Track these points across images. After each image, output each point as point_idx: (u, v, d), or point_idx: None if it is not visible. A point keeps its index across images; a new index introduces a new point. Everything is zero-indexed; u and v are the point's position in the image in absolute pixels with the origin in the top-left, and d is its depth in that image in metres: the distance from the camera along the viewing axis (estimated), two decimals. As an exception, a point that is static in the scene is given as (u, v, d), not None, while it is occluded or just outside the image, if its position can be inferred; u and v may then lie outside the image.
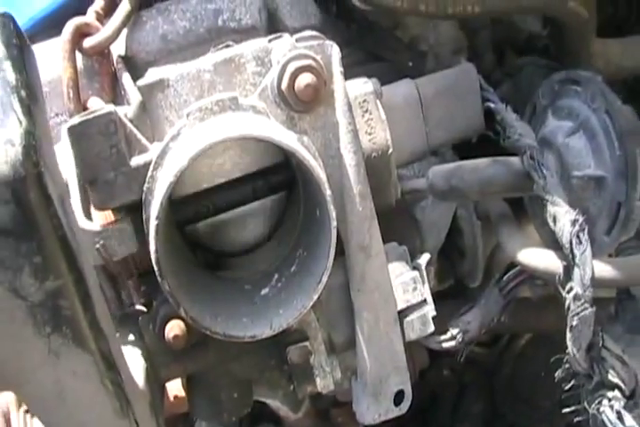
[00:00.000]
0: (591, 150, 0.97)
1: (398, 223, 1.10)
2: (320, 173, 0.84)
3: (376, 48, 1.19)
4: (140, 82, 0.92)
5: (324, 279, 0.85)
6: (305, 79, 0.87)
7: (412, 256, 1.03)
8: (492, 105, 1.03)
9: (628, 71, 1.26)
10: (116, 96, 1.16)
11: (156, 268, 0.81)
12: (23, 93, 0.68)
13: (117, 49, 1.16)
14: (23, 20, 1.22)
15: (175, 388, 1.09)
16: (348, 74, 1.18)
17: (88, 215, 0.88)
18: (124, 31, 1.16)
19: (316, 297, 0.85)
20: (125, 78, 1.13)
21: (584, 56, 1.16)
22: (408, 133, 1.02)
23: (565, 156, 0.98)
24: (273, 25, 1.19)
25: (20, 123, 0.67)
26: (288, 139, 0.83)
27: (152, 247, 0.81)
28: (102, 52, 1.13)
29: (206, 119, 0.87)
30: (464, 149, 1.13)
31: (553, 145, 1.00)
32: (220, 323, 0.85)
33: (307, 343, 0.93)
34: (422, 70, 1.18)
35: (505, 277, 1.05)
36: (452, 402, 1.66)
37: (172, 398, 1.08)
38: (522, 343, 1.53)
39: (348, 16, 1.16)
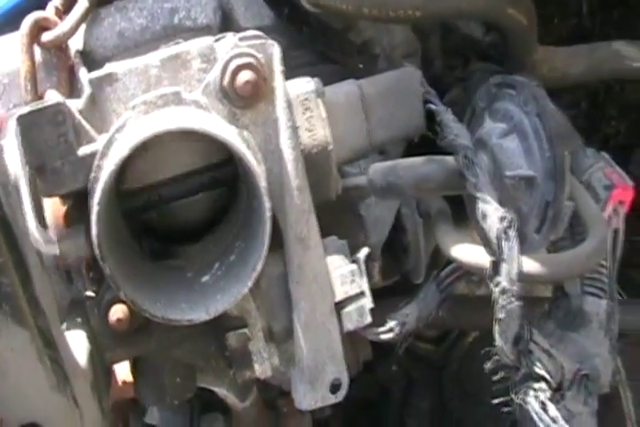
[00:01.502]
0: (523, 151, 1.01)
1: (343, 219, 1.14)
2: (255, 165, 0.87)
3: (328, 50, 1.23)
4: (90, 75, 0.95)
5: (259, 268, 0.89)
6: (245, 76, 0.91)
7: (357, 251, 1.07)
8: (432, 106, 1.07)
9: (573, 78, 1.30)
10: (74, 90, 1.19)
11: (96, 251, 0.85)
12: None
13: (75, 44, 1.19)
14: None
15: (124, 373, 1.12)
16: (299, 74, 1.22)
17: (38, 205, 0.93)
18: (83, 27, 1.19)
19: (250, 284, 0.89)
20: (82, 72, 1.16)
21: (527, 62, 1.20)
22: (350, 131, 1.05)
23: (499, 156, 1.02)
24: (227, 25, 1.22)
25: None
26: (225, 132, 0.87)
27: (94, 232, 0.84)
28: (60, 46, 1.16)
29: (150, 112, 0.91)
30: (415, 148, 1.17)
31: (487, 145, 1.04)
32: (159, 307, 0.89)
33: (245, 330, 0.97)
34: (373, 73, 1.22)
35: (442, 273, 1.09)
36: (400, 397, 1.70)
37: (120, 383, 1.11)
38: (469, 340, 1.58)
39: (300, 18, 1.19)
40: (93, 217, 0.84)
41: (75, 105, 0.94)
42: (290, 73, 1.20)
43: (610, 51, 1.31)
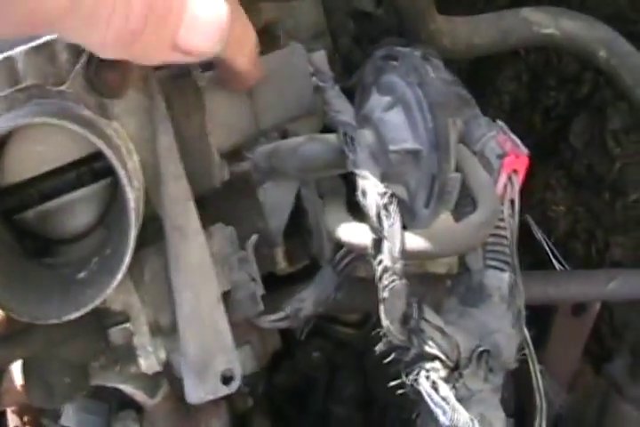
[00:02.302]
0: (408, 124, 0.98)
1: (240, 205, 1.11)
2: (115, 156, 0.85)
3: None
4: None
5: (127, 260, 0.86)
6: (110, 66, 0.89)
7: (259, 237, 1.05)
8: (319, 84, 1.04)
9: (480, 49, 1.27)
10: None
11: None
12: None
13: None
14: None
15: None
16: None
17: None
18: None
19: (119, 277, 0.86)
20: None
21: (424, 35, 1.17)
22: (235, 116, 1.02)
23: (382, 130, 0.99)
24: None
25: None
26: (85, 126, 0.85)
27: None
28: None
29: (15, 107, 0.89)
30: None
31: (371, 120, 1.01)
32: (27, 307, 0.87)
33: (128, 324, 0.95)
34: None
35: (337, 255, 1.07)
36: (324, 384, 1.68)
37: (19, 387, 1.10)
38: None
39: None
40: None
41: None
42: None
43: (517, 18, 1.28)
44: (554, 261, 1.76)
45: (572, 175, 1.86)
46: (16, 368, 1.13)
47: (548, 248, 1.77)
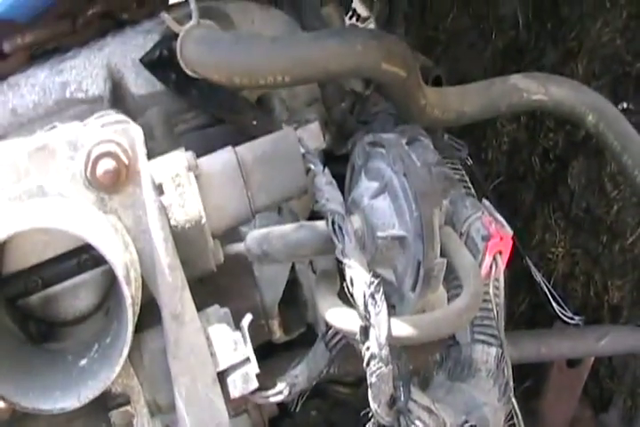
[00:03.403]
0: (394, 211, 1.03)
1: (237, 281, 1.16)
2: (111, 254, 0.90)
3: (218, 111, 1.25)
4: (-40, 167, 0.98)
5: (125, 352, 0.91)
6: (104, 165, 0.94)
7: (253, 310, 1.10)
8: (311, 167, 1.09)
9: (470, 116, 1.31)
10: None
11: None
12: None
13: (-31, 123, 1.23)
14: None
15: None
16: (190, 138, 1.24)
17: None
18: (-24, 107, 1.23)
19: (117, 369, 0.91)
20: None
21: (414, 109, 1.22)
22: (229, 199, 1.07)
23: (370, 217, 1.04)
24: (119, 93, 1.25)
25: None
26: (79, 225, 0.90)
27: None
28: (-46, 127, 1.20)
29: (14, 206, 0.94)
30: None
31: (360, 206, 1.06)
32: (31, 398, 0.92)
33: (128, 407, 1.00)
34: (269, 127, 1.24)
35: (329, 333, 1.11)
36: None
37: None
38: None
39: (189, 83, 1.21)
40: None
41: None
42: (180, 138, 1.24)
43: (506, 85, 1.32)
44: (553, 302, 1.80)
45: (570, 217, 1.89)
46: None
47: (547, 290, 1.80)
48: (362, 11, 1.61)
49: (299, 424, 1.66)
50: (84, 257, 1.02)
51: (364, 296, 0.94)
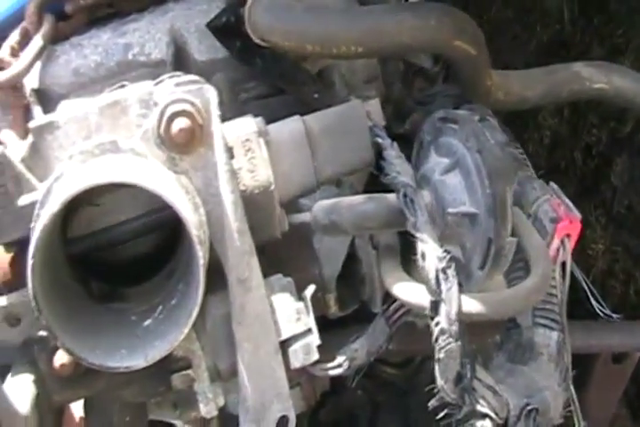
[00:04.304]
0: (466, 188, 1.01)
1: (297, 253, 1.15)
2: (187, 214, 0.88)
3: (281, 81, 1.24)
4: (31, 124, 0.97)
5: (194, 314, 0.90)
6: (179, 124, 0.92)
7: (312, 283, 1.08)
8: (379, 140, 1.07)
9: (532, 101, 1.30)
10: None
11: (33, 303, 0.86)
12: None
13: (31, 82, 1.21)
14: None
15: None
16: (252, 107, 1.22)
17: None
18: (38, 65, 1.21)
19: (186, 331, 0.90)
20: (37, 111, 1.18)
21: (481, 89, 1.20)
22: (296, 168, 1.06)
23: (441, 192, 1.02)
24: (181, 59, 1.24)
25: None
26: (155, 181, 0.88)
27: (29, 284, 0.86)
28: (15, 85, 1.18)
29: (87, 161, 0.93)
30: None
31: (430, 182, 1.04)
32: (97, 355, 0.90)
33: (190, 371, 0.98)
34: (329, 102, 1.22)
35: (390, 308, 1.10)
36: (366, 422, 1.71)
37: (77, 420, 1.14)
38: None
39: (253, 51, 1.20)
40: (29, 269, 0.86)
41: (18, 153, 0.97)
42: (243, 106, 1.22)
43: (569, 72, 1.31)
44: (591, 299, 1.78)
45: (611, 214, 1.87)
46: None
47: (586, 286, 1.78)
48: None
49: (344, 402, 1.65)
50: (152, 220, 1.00)
51: (436, 271, 0.93)
